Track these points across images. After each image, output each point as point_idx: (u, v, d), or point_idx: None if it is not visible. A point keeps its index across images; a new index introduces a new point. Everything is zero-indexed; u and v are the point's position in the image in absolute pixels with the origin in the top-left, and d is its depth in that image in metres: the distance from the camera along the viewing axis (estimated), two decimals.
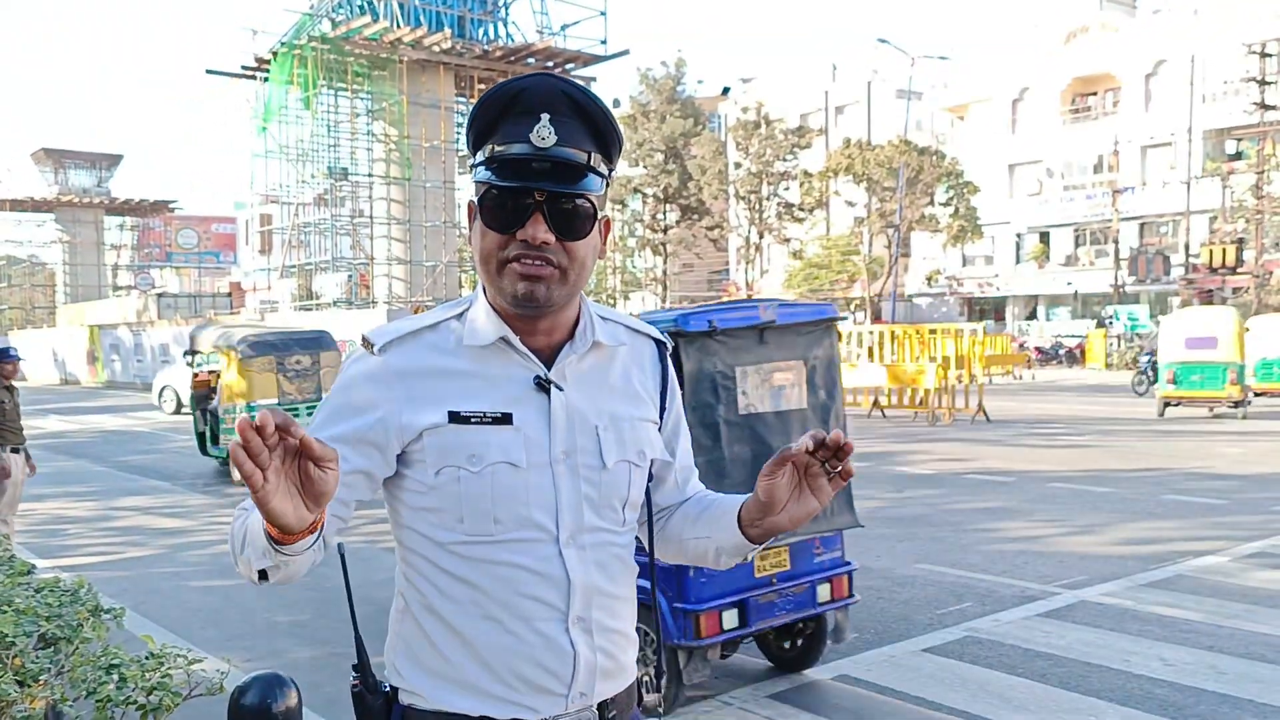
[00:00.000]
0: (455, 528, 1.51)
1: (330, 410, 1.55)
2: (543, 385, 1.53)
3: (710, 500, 1.70)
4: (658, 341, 1.70)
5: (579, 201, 1.48)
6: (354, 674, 1.59)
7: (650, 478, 1.67)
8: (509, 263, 1.47)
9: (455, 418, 1.49)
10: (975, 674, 5.18)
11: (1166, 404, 18.25)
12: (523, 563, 1.50)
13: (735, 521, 1.58)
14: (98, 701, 2.08)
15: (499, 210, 1.47)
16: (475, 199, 1.53)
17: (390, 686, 1.59)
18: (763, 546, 1.59)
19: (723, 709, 4.76)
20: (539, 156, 1.45)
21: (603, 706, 1.58)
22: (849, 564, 5.20)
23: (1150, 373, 22.96)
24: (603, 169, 1.53)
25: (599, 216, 1.53)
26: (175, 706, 2.18)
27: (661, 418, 1.68)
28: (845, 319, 43.84)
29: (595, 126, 1.51)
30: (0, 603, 2.57)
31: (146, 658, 2.29)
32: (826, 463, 1.47)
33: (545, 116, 1.46)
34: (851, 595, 5.14)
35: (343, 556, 1.61)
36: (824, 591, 5.02)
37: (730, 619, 4.65)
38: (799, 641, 5.28)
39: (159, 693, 2.14)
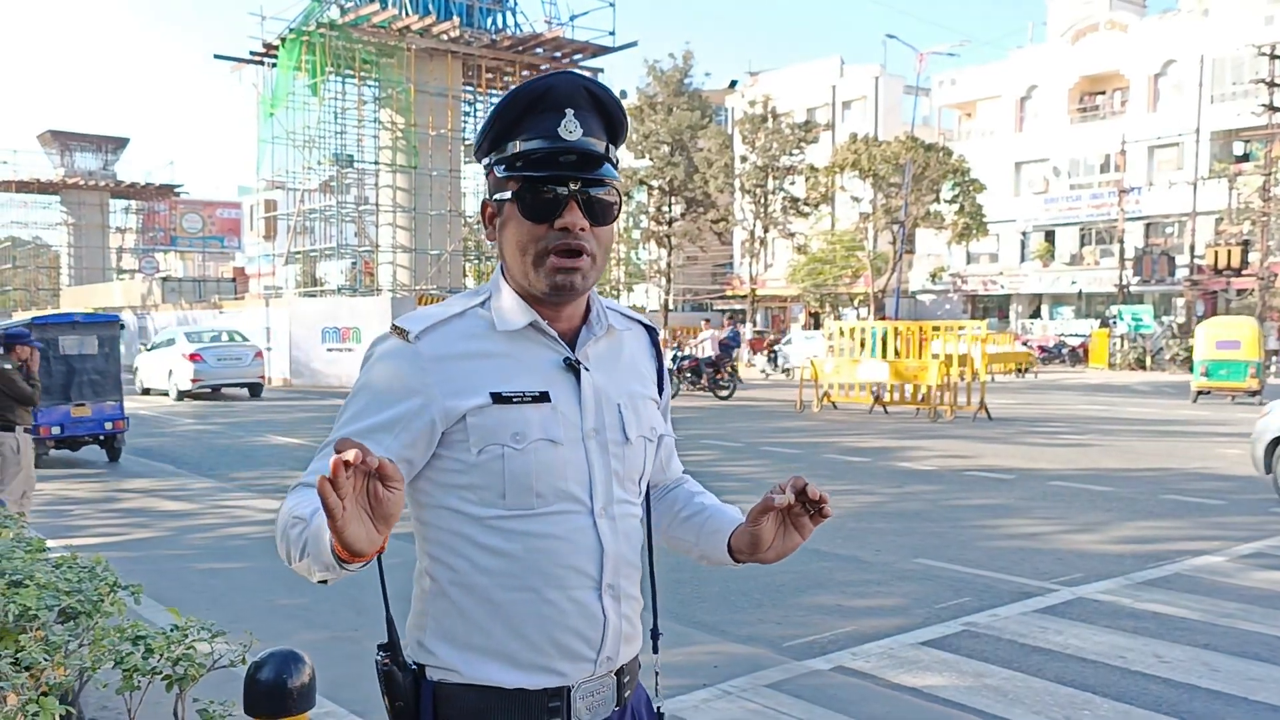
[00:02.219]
0: (495, 503, 1.57)
1: (370, 398, 1.58)
2: (572, 366, 1.62)
3: (700, 506, 1.83)
4: (648, 328, 1.83)
5: (607, 189, 1.60)
6: (382, 653, 1.62)
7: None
8: (548, 254, 1.57)
9: (498, 398, 1.56)
10: (972, 667, 5.23)
11: (1200, 393, 21.99)
12: (560, 533, 1.58)
13: (725, 545, 1.73)
14: (125, 671, 2.14)
15: (536, 202, 1.56)
16: (504, 196, 1.60)
17: (415, 664, 1.63)
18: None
19: (721, 698, 4.82)
20: (566, 150, 1.56)
21: (619, 672, 1.67)
22: None
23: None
24: (614, 157, 1.64)
25: (621, 200, 1.65)
26: (200, 677, 2.24)
27: (660, 396, 1.80)
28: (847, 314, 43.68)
29: (610, 119, 1.63)
30: (22, 577, 2.63)
31: (171, 630, 2.35)
32: (806, 505, 1.63)
33: (570, 112, 1.57)
34: None
35: None
36: None
37: None
38: None
39: (184, 663, 2.20)
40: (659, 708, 1.79)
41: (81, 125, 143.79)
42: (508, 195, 1.59)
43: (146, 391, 26.82)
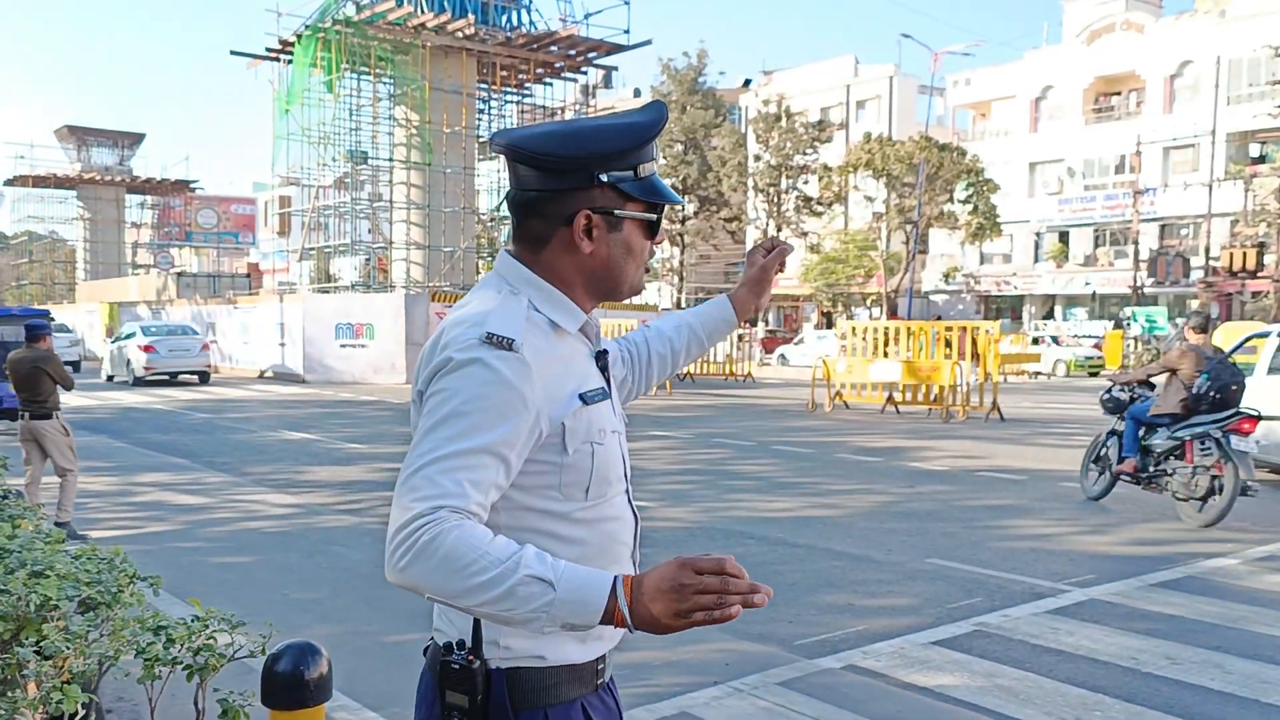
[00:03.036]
0: (578, 497, 1.67)
1: (489, 409, 1.55)
2: (602, 361, 1.79)
3: (670, 325, 2.22)
4: None
5: None
6: (461, 652, 1.64)
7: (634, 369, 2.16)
8: (646, 265, 1.80)
9: (585, 400, 1.67)
10: (984, 667, 5.24)
11: None
12: (618, 514, 1.75)
13: (729, 307, 2.20)
14: (146, 661, 2.17)
15: (656, 226, 1.78)
16: (630, 213, 1.72)
17: (481, 661, 1.64)
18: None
19: (733, 695, 4.83)
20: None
21: None
22: None
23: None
24: None
25: None
26: (220, 667, 2.27)
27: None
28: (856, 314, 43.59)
29: None
30: (43, 568, 2.66)
31: (192, 620, 2.38)
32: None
33: (654, 145, 1.78)
34: None
35: None
36: None
37: None
38: None
39: (205, 654, 2.23)
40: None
41: (98, 121, 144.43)
42: (637, 214, 1.73)
43: (110, 378, 29.46)
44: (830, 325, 44.63)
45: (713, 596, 1.39)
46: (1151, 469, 9.68)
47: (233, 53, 36.00)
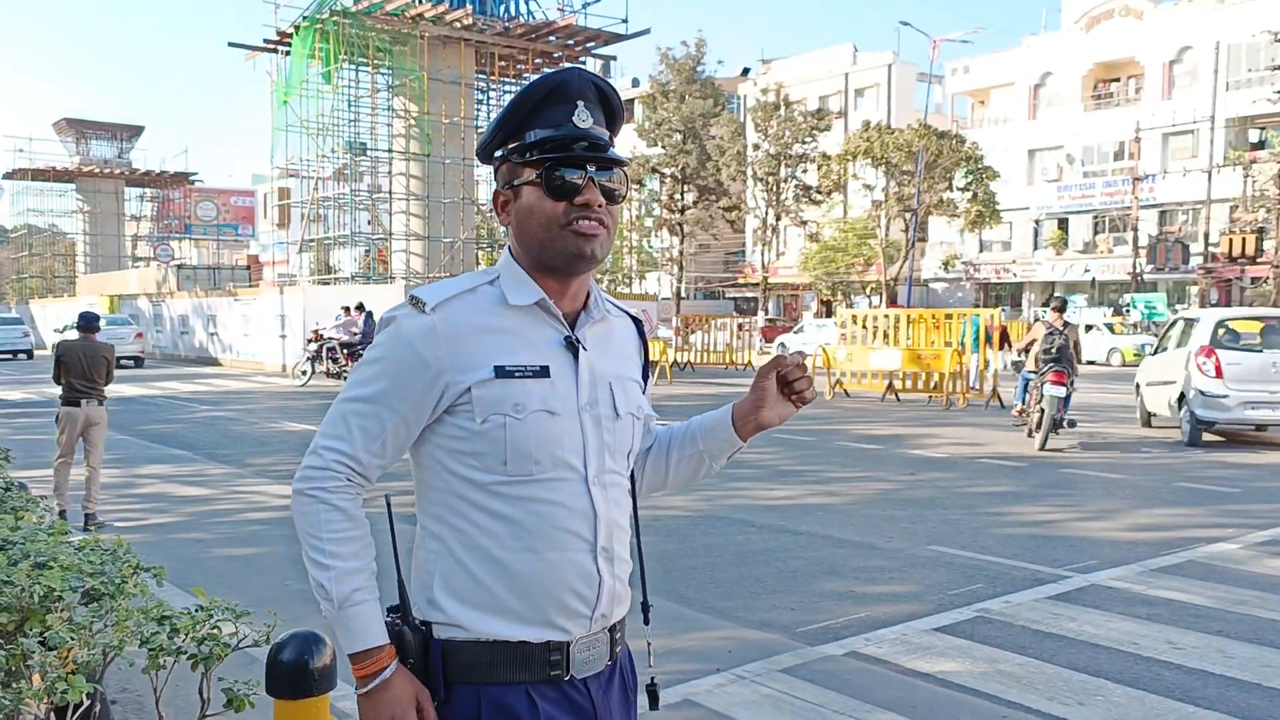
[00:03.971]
0: (498, 469, 1.68)
1: (384, 365, 1.71)
2: (571, 345, 1.76)
3: (680, 427, 2.03)
4: (635, 319, 1.99)
5: (616, 172, 1.76)
6: (391, 614, 1.72)
7: None
8: (568, 225, 1.71)
9: (500, 372, 1.68)
10: (985, 653, 5.25)
11: None
12: (558, 499, 1.71)
13: (729, 424, 1.93)
14: (150, 650, 2.18)
15: (560, 182, 1.71)
16: (524, 179, 1.74)
17: (423, 623, 1.72)
18: (747, 444, 1.97)
19: (735, 682, 4.84)
20: (581, 137, 1.72)
21: (612, 629, 1.80)
22: None
23: None
24: (615, 146, 1.81)
25: (628, 185, 1.82)
26: (225, 656, 2.28)
27: (644, 381, 1.94)
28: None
29: (612, 113, 1.80)
30: (47, 559, 2.67)
31: (196, 610, 2.39)
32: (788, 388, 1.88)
33: (580, 103, 1.74)
34: None
35: (389, 505, 1.81)
36: None
37: None
38: None
39: (209, 643, 2.24)
40: (653, 678, 1.88)
41: (97, 113, 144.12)
42: (530, 178, 1.73)
43: None
44: (830, 314, 44.61)
45: None
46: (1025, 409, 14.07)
47: (231, 44, 36.09)
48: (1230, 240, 36.24)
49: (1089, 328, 34.63)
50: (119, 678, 4.64)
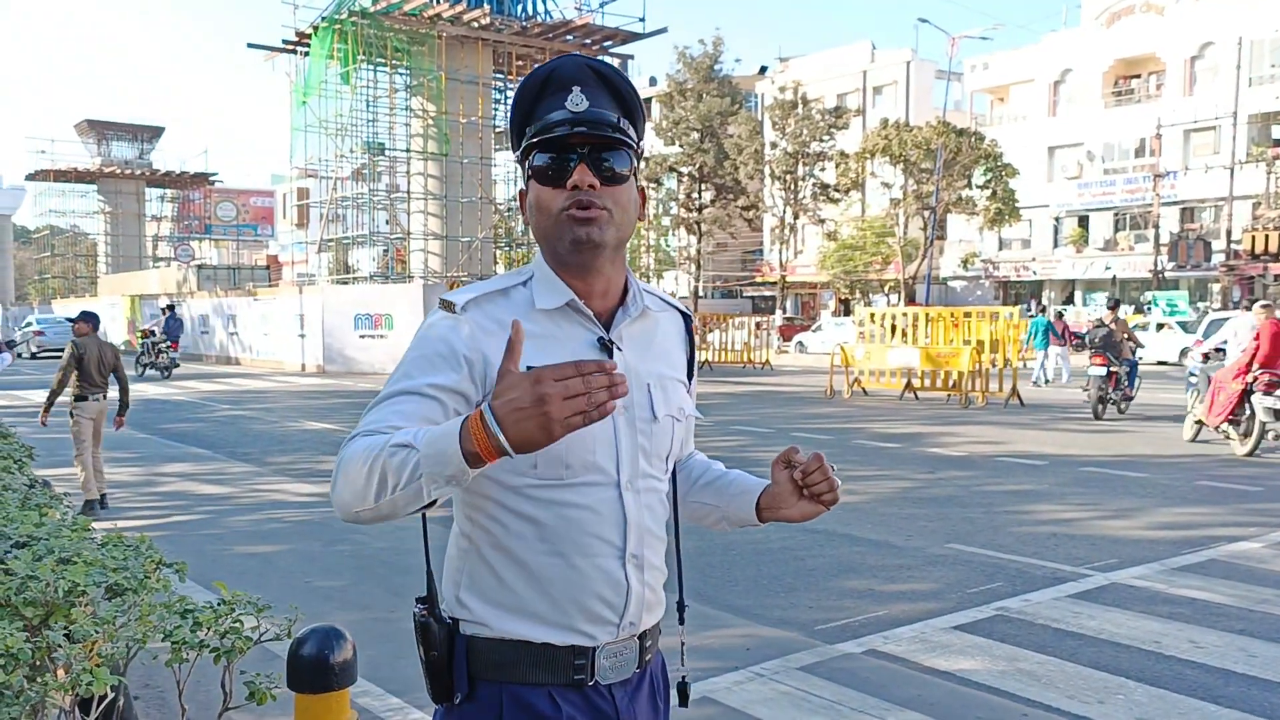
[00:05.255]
0: (528, 473, 1.64)
1: (419, 359, 1.64)
2: (605, 346, 1.69)
3: (720, 472, 1.95)
4: (684, 314, 1.90)
5: (615, 150, 1.67)
6: (420, 605, 1.71)
7: None
8: (564, 212, 1.64)
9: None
10: (1005, 651, 5.23)
11: None
12: (588, 504, 1.67)
13: (753, 507, 1.87)
14: (174, 644, 2.20)
15: (550, 169, 1.65)
16: (527, 173, 1.70)
17: (450, 618, 1.71)
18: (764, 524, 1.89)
19: (754, 680, 4.84)
20: (576, 119, 1.64)
21: (641, 636, 1.75)
22: None
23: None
24: (630, 133, 1.70)
25: (636, 166, 1.72)
26: (247, 650, 2.30)
27: (689, 380, 1.87)
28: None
29: (619, 94, 1.70)
30: (70, 555, 2.70)
31: (219, 604, 2.41)
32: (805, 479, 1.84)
33: (576, 88, 1.66)
34: None
35: None
36: None
37: None
38: None
39: (231, 636, 2.26)
40: (684, 677, 1.84)
41: (117, 115, 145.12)
42: (529, 171, 1.69)
43: (19, 355, 37.29)
44: (848, 312, 44.51)
45: (581, 398, 1.37)
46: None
47: (250, 45, 36.18)
48: (1253, 237, 35.98)
49: (1160, 327, 33.26)
50: (142, 673, 4.68)
